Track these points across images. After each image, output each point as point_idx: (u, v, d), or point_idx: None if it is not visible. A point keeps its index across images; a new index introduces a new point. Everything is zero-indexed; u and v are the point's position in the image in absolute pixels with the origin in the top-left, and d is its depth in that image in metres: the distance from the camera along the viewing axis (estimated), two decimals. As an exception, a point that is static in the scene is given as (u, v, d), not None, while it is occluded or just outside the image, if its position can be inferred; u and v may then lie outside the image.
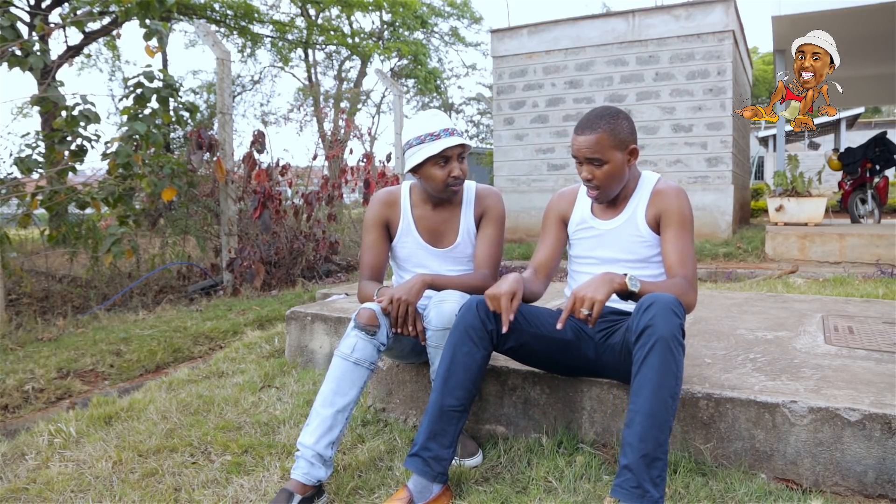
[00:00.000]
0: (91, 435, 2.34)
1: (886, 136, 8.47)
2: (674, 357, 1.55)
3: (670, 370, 1.54)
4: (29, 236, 7.74)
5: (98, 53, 17.24)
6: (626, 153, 1.87)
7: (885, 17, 7.40)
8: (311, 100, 17.78)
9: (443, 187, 2.04)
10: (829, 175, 13.91)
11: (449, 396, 1.72)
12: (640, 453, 1.49)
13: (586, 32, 8.59)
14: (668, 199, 1.89)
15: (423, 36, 21.66)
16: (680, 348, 1.58)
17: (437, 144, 1.99)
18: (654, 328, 1.55)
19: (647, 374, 1.55)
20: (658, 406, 1.52)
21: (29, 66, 4.49)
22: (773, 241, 6.36)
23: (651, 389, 1.53)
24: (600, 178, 1.86)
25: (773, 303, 3.28)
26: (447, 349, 1.77)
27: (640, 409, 1.53)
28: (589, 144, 1.83)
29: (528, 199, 8.99)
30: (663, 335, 1.54)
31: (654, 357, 1.54)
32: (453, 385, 1.72)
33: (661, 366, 1.54)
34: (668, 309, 1.57)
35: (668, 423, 1.53)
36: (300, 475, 1.75)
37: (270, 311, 4.74)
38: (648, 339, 1.56)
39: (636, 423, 1.52)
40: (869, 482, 1.64)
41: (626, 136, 1.86)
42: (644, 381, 1.55)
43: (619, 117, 1.87)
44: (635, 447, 1.50)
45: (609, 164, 1.84)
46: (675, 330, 1.56)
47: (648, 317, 1.57)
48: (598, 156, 1.83)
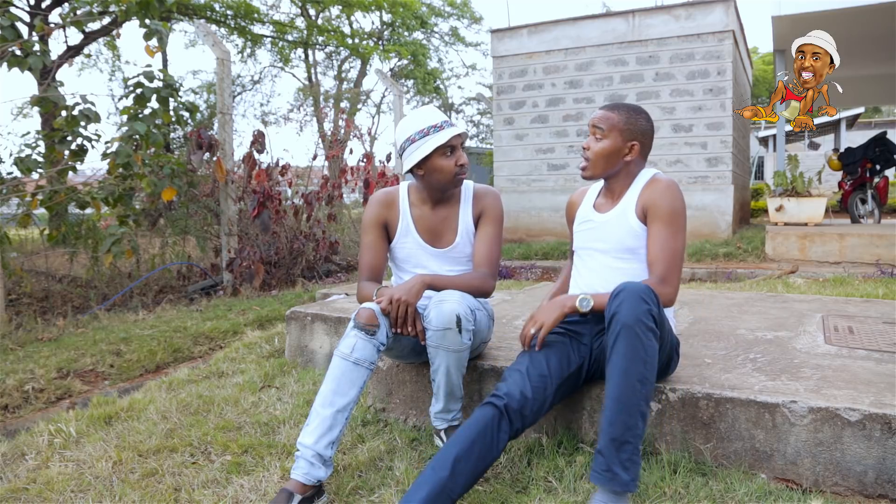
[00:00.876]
0: (91, 435, 2.34)
1: (886, 136, 8.47)
2: (640, 342, 1.57)
3: (637, 355, 1.57)
4: (29, 236, 7.74)
5: (98, 53, 17.24)
6: (628, 144, 1.92)
7: (885, 17, 7.40)
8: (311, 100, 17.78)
9: (451, 177, 2.05)
10: (829, 175, 13.91)
11: (452, 482, 1.60)
12: (609, 437, 1.54)
13: (586, 32, 8.59)
14: (656, 193, 1.89)
15: (422, 36, 21.66)
16: (649, 333, 1.59)
17: (444, 134, 2.01)
18: (619, 315, 1.59)
19: (615, 359, 1.58)
20: (625, 390, 1.55)
21: (28, 66, 4.49)
22: (773, 241, 6.36)
23: (618, 374, 1.57)
24: (594, 152, 1.94)
25: (773, 303, 3.28)
26: (469, 428, 1.66)
27: (610, 394, 1.57)
28: (602, 115, 1.95)
29: (528, 199, 8.99)
30: (627, 321, 1.57)
31: (620, 343, 1.58)
32: (460, 471, 1.61)
33: (627, 351, 1.57)
34: (636, 296, 1.60)
35: (637, 406, 1.55)
36: (300, 475, 1.74)
37: (270, 311, 4.74)
38: (615, 326, 1.59)
39: (607, 409, 1.57)
40: (869, 482, 1.64)
41: (635, 128, 1.93)
42: (613, 367, 1.59)
43: (640, 113, 1.96)
44: (605, 431, 1.55)
45: (607, 140, 1.92)
46: (641, 315, 1.58)
47: (615, 304, 1.62)
48: (602, 125, 1.92)
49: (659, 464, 1.81)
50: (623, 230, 1.93)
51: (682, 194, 1.91)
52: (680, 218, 1.86)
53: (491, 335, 2.31)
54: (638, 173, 1.99)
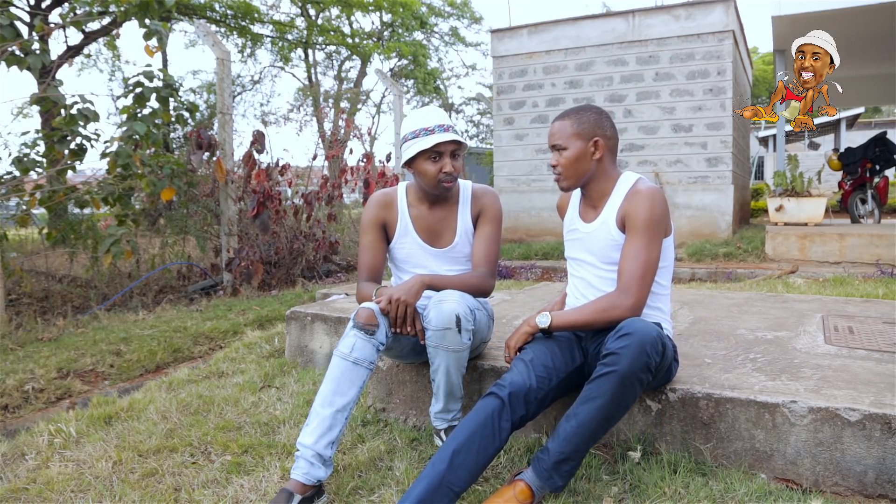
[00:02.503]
0: (91, 435, 2.34)
1: (886, 136, 8.47)
2: (624, 391, 1.63)
3: (616, 399, 1.63)
4: (29, 236, 7.74)
5: (98, 53, 17.24)
6: (590, 144, 1.90)
7: (885, 17, 7.40)
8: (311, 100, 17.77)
9: (434, 183, 2.04)
10: (829, 175, 13.91)
11: (455, 478, 1.60)
12: (560, 449, 1.64)
13: (586, 32, 8.59)
14: (634, 203, 1.84)
15: (422, 36, 21.66)
16: (638, 385, 1.64)
17: (430, 139, 2.00)
18: (619, 358, 1.62)
19: (597, 391, 1.63)
20: (591, 422, 1.63)
21: (27, 66, 4.49)
22: (773, 241, 6.36)
23: (595, 406, 1.63)
24: (562, 165, 1.93)
25: (773, 303, 3.28)
26: (468, 422, 1.67)
27: (578, 416, 1.64)
28: (553, 131, 1.95)
29: (528, 199, 8.99)
30: (622, 370, 1.61)
31: (608, 384, 1.62)
32: (458, 464, 1.62)
33: (610, 393, 1.62)
34: (641, 348, 1.62)
35: (595, 436, 1.65)
36: (300, 475, 1.74)
37: (270, 311, 4.74)
38: (611, 364, 1.62)
39: (570, 424, 1.65)
40: (869, 482, 1.64)
41: (589, 126, 1.91)
42: (592, 395, 1.64)
43: (587, 110, 1.95)
44: (560, 441, 1.65)
45: (568, 151, 1.91)
46: (638, 368, 1.62)
47: (620, 345, 1.63)
48: (559, 142, 1.92)
49: (659, 464, 1.81)
50: (606, 242, 1.91)
51: (664, 203, 1.84)
52: (655, 227, 1.81)
53: (491, 335, 2.31)
54: (617, 177, 1.94)
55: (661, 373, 1.78)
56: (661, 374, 1.79)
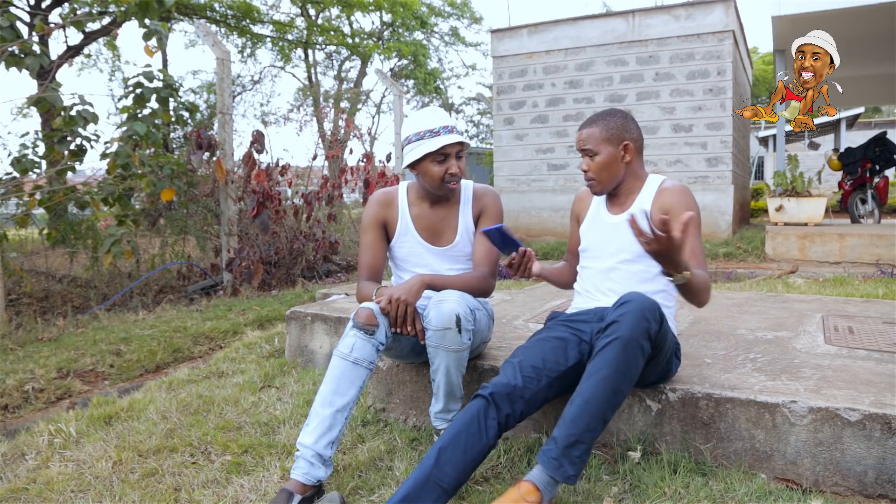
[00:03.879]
0: (91, 435, 2.34)
1: (886, 136, 8.47)
2: (629, 358, 1.61)
3: (620, 369, 1.60)
4: (29, 236, 7.74)
5: (98, 53, 17.25)
6: (620, 148, 1.97)
7: (885, 17, 7.40)
8: (311, 100, 17.78)
9: (440, 184, 2.05)
10: (829, 175, 13.91)
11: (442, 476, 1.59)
12: (567, 432, 1.58)
13: (586, 32, 8.59)
14: (674, 196, 1.95)
15: (422, 36, 21.66)
16: (639, 352, 1.62)
17: (437, 141, 2.00)
18: (619, 325, 1.62)
19: (599, 363, 1.61)
20: (598, 395, 1.59)
21: (26, 66, 4.49)
22: (773, 241, 6.36)
23: (597, 379, 1.60)
24: (593, 169, 1.99)
25: (773, 303, 3.28)
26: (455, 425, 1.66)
27: (582, 393, 1.61)
28: (584, 136, 2.00)
29: (528, 199, 8.99)
30: (624, 335, 1.60)
31: (610, 352, 1.60)
32: (445, 460, 1.61)
33: (614, 362, 1.60)
34: (640, 313, 1.62)
35: (603, 414, 1.60)
36: (300, 475, 1.74)
37: (270, 311, 4.74)
38: (612, 332, 1.62)
39: (574, 404, 1.60)
40: (869, 482, 1.64)
41: (617, 131, 1.96)
42: (594, 369, 1.62)
43: (614, 115, 2.00)
44: (566, 424, 1.59)
45: (600, 156, 1.97)
46: (639, 333, 1.61)
47: (618, 313, 1.64)
48: (590, 147, 1.98)
49: (659, 464, 1.81)
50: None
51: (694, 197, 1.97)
52: (699, 221, 1.93)
53: (491, 335, 2.31)
54: (645, 176, 2.03)
55: (662, 356, 1.77)
56: (662, 359, 1.78)
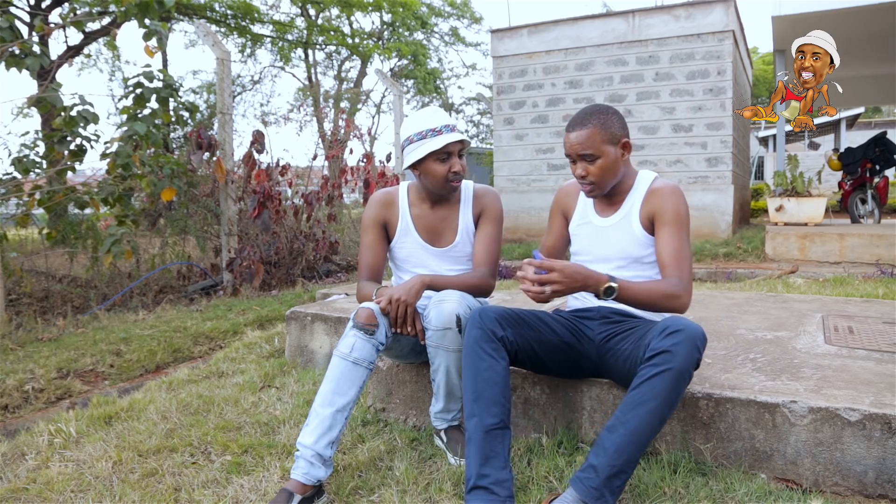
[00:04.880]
0: (91, 435, 2.34)
1: (886, 136, 8.46)
2: (678, 388, 1.57)
3: (670, 399, 1.56)
4: (29, 236, 7.74)
5: (98, 53, 17.24)
6: (619, 147, 1.88)
7: (885, 17, 7.40)
8: (311, 100, 17.77)
9: (443, 183, 2.05)
10: (829, 175, 13.91)
11: (487, 415, 1.64)
12: (611, 462, 1.53)
13: (586, 32, 8.59)
14: (662, 199, 1.88)
15: (422, 36, 21.66)
16: (687, 381, 1.59)
17: (439, 140, 2.00)
18: (673, 356, 1.56)
19: (648, 394, 1.55)
20: (645, 427, 1.55)
21: (25, 66, 4.49)
22: (773, 241, 6.36)
23: (646, 410, 1.55)
24: (594, 174, 1.87)
25: (773, 303, 3.28)
26: (467, 369, 1.71)
27: (628, 423, 1.55)
28: (581, 140, 1.85)
29: (528, 199, 8.99)
30: (678, 367, 1.55)
31: (661, 382, 1.55)
32: (487, 403, 1.66)
33: (665, 393, 1.55)
34: (694, 344, 1.58)
35: (647, 443, 1.57)
36: (300, 475, 1.74)
37: (270, 311, 4.74)
38: (663, 362, 1.56)
39: (618, 434, 1.55)
40: (869, 482, 1.64)
41: (616, 130, 1.87)
42: (642, 399, 1.56)
43: (609, 112, 1.90)
44: (609, 455, 1.54)
45: (602, 159, 1.86)
46: (691, 364, 1.58)
47: (671, 342, 1.57)
48: (590, 151, 1.85)
49: (659, 464, 1.81)
50: (626, 238, 1.91)
51: (685, 198, 1.91)
52: (687, 222, 1.86)
53: (491, 335, 2.31)
54: (634, 174, 1.97)
55: None
56: None
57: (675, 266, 1.81)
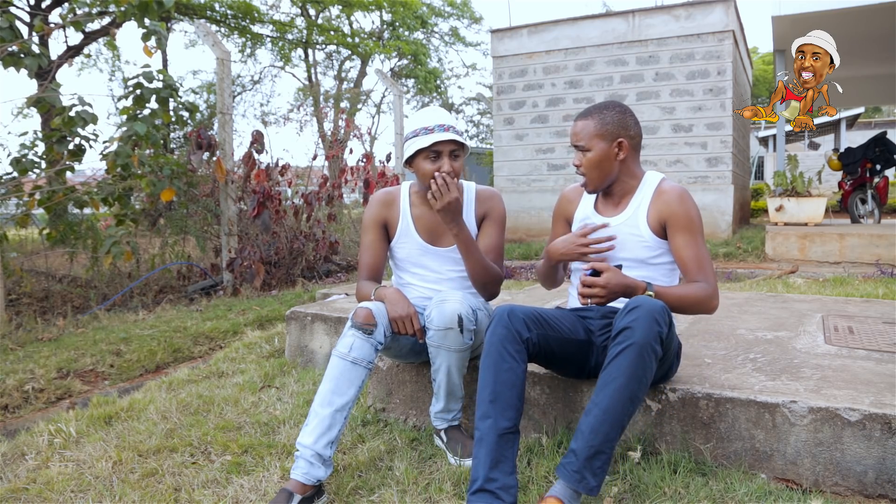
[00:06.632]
0: (91, 435, 2.34)
1: (886, 136, 8.46)
2: (644, 363, 1.59)
3: (637, 375, 1.58)
4: (29, 236, 7.74)
5: (98, 53, 17.26)
6: (614, 145, 1.89)
7: (885, 17, 7.40)
8: (311, 100, 17.78)
9: (430, 182, 2.04)
10: (829, 175, 13.90)
11: (502, 418, 1.64)
12: (588, 443, 1.57)
13: (586, 32, 8.59)
14: (672, 204, 1.87)
15: (423, 36, 21.66)
16: (653, 356, 1.60)
17: (429, 138, 1.99)
18: (633, 332, 1.59)
19: (614, 372, 1.59)
20: (616, 404, 1.57)
21: (24, 66, 4.49)
22: (773, 241, 6.36)
23: (614, 388, 1.58)
24: (585, 166, 1.92)
25: (773, 303, 3.28)
26: (488, 368, 1.70)
27: (599, 404, 1.59)
28: (577, 130, 1.93)
29: (528, 199, 8.99)
30: (638, 341, 1.58)
31: (625, 359, 1.58)
32: (503, 406, 1.66)
33: (630, 369, 1.58)
34: (651, 317, 1.60)
35: (622, 422, 1.59)
36: (300, 475, 1.75)
37: (270, 311, 4.73)
38: (625, 339, 1.60)
39: (592, 415, 1.59)
40: (869, 482, 1.64)
41: (612, 126, 1.89)
42: (610, 378, 1.60)
43: (611, 108, 1.91)
44: (585, 436, 1.57)
45: (592, 153, 1.90)
46: (652, 338, 1.59)
47: (630, 318, 1.61)
48: (582, 143, 1.91)
49: (659, 464, 1.81)
50: (633, 240, 1.91)
51: (694, 200, 1.93)
52: (701, 225, 1.89)
53: (491, 335, 2.31)
54: (641, 175, 1.96)
55: (667, 358, 1.76)
56: (666, 360, 1.77)
57: (698, 271, 1.83)
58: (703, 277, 1.83)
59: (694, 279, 1.84)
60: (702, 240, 1.88)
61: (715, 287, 1.84)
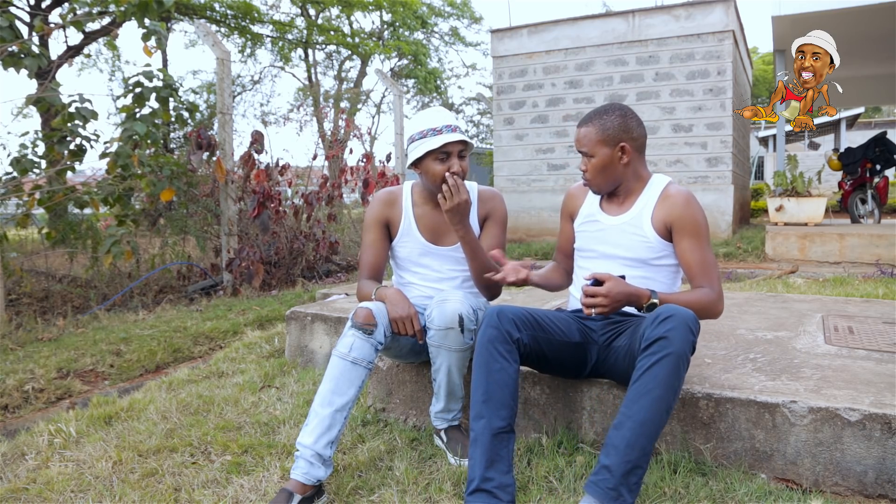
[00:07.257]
0: (91, 435, 2.34)
1: (886, 136, 8.46)
2: (678, 373, 1.57)
3: (672, 385, 1.56)
4: (29, 236, 7.74)
5: (98, 53, 17.25)
6: (617, 150, 1.89)
7: (885, 17, 7.40)
8: (311, 100, 17.78)
9: (440, 182, 2.04)
10: (829, 175, 13.91)
11: (495, 418, 1.65)
12: (624, 458, 1.52)
13: (586, 32, 8.59)
14: (678, 207, 1.87)
15: (423, 36, 21.67)
16: (686, 365, 1.59)
17: (438, 139, 2.00)
18: (669, 341, 1.56)
19: (650, 383, 1.55)
20: (654, 416, 1.54)
21: (24, 66, 4.49)
22: (773, 241, 6.36)
23: (650, 399, 1.54)
24: (590, 171, 1.93)
25: (773, 303, 3.28)
26: (479, 368, 1.71)
27: (634, 416, 1.54)
28: (579, 137, 1.94)
29: (528, 199, 8.99)
30: (676, 351, 1.55)
31: (662, 369, 1.55)
32: (496, 405, 1.66)
33: (667, 379, 1.55)
34: (687, 326, 1.58)
35: (657, 434, 1.56)
36: (300, 475, 1.75)
37: (270, 311, 4.73)
38: (661, 349, 1.56)
39: (626, 428, 1.54)
40: (869, 482, 1.64)
41: (614, 131, 1.88)
42: (644, 389, 1.55)
43: (612, 113, 1.90)
44: (621, 451, 1.52)
45: (596, 158, 1.90)
46: (687, 347, 1.58)
47: (665, 328, 1.57)
48: (585, 149, 1.92)
49: (659, 464, 1.81)
50: (635, 239, 1.91)
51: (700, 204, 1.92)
52: (707, 229, 1.88)
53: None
54: (647, 176, 1.96)
55: None
56: None
57: (704, 276, 1.83)
58: (707, 282, 1.82)
59: (699, 284, 1.83)
60: (707, 244, 1.86)
61: (720, 292, 1.83)
